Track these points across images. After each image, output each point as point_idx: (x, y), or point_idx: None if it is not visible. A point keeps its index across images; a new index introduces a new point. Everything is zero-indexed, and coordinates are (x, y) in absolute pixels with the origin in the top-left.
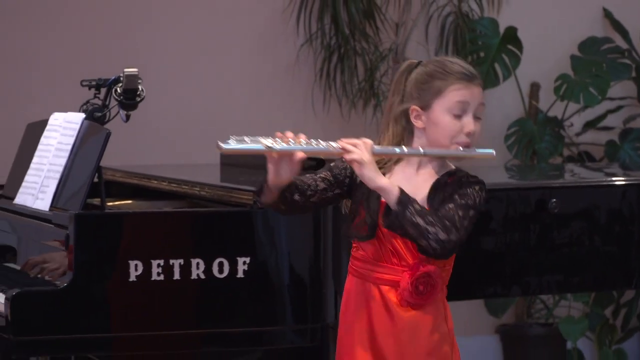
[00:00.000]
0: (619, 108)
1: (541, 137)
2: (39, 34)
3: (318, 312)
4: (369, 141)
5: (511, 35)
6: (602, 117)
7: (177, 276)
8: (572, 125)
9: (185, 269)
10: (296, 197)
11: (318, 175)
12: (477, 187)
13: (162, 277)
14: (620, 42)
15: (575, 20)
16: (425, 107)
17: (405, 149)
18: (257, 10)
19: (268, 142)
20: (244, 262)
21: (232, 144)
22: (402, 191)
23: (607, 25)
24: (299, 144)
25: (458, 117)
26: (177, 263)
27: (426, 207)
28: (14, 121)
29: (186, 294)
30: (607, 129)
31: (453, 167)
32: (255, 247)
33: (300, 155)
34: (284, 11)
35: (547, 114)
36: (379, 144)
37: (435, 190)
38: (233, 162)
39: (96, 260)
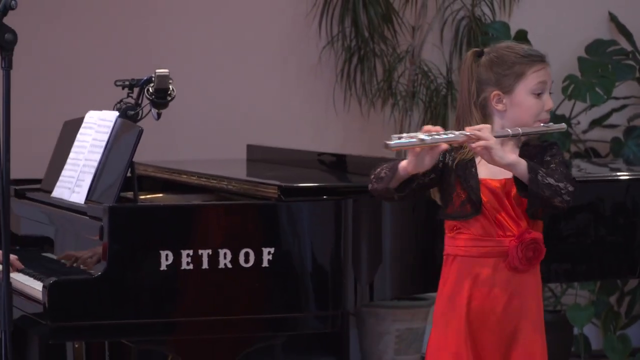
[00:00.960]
0: (623, 107)
1: (550, 135)
2: (76, 38)
3: (338, 300)
4: (488, 126)
5: (521, 37)
6: (607, 115)
7: (205, 265)
8: (579, 123)
9: (213, 259)
10: (412, 185)
11: None
12: (556, 147)
13: (191, 267)
14: (624, 44)
15: (582, 24)
16: (508, 91)
17: (509, 130)
18: (282, 14)
19: (421, 135)
20: (269, 252)
21: (396, 141)
22: (528, 161)
23: (613, 28)
24: (441, 136)
25: (539, 96)
26: (205, 253)
27: None
28: (51, 119)
29: (214, 283)
30: (612, 126)
31: (523, 140)
32: (279, 238)
33: (444, 146)
34: (307, 15)
35: (556, 113)
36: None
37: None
38: (258, 158)
39: (129, 250)
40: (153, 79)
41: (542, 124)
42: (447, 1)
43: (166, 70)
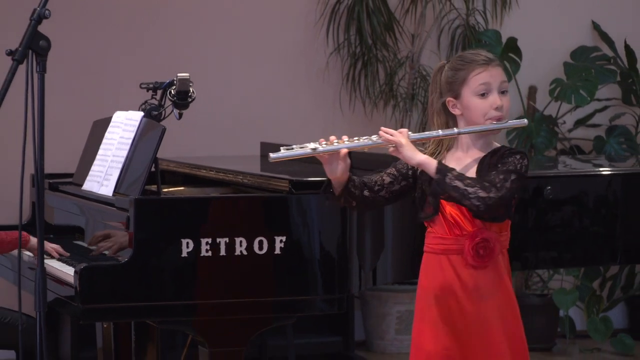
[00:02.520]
0: (605, 108)
1: (538, 133)
2: (104, 44)
3: (344, 284)
4: (404, 130)
5: (512, 44)
6: (590, 115)
7: (222, 252)
8: (564, 122)
9: (230, 246)
10: (366, 193)
11: (384, 172)
12: (517, 156)
13: (209, 254)
14: (607, 50)
15: (568, 32)
16: (457, 96)
17: (440, 131)
18: (292, 23)
19: (312, 145)
20: (281, 241)
21: (282, 152)
22: (439, 162)
23: (596, 36)
24: (343, 143)
25: (484, 96)
26: (223, 241)
27: None
28: (82, 118)
29: (230, 268)
30: (595, 126)
31: (498, 145)
32: (290, 228)
33: (344, 151)
34: (315, 24)
35: (543, 113)
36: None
37: (482, 165)
38: None
39: (153, 238)
40: (175, 82)
41: (494, 122)
42: (444, 11)
43: (187, 74)
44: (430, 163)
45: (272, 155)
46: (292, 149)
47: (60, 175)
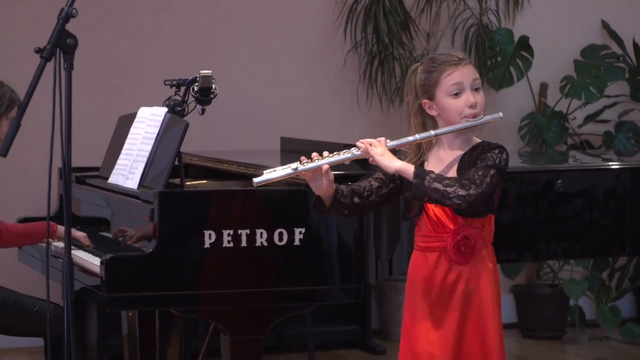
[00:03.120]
0: (614, 104)
1: (549, 128)
2: (129, 42)
3: (361, 274)
4: (382, 138)
5: (524, 43)
6: (600, 111)
7: (244, 244)
8: (574, 118)
9: (251, 238)
10: (356, 200)
11: (372, 177)
12: (496, 150)
13: (231, 245)
14: (615, 48)
15: (578, 30)
16: (432, 97)
17: (417, 135)
18: (312, 23)
19: (294, 165)
20: (300, 232)
21: (265, 176)
22: (417, 167)
23: (605, 34)
24: (323, 159)
25: (457, 95)
26: (244, 233)
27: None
28: (108, 114)
29: (251, 259)
30: (604, 121)
31: (478, 140)
32: (309, 220)
33: (325, 167)
34: (333, 23)
35: (554, 109)
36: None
37: (462, 163)
38: (291, 149)
39: (176, 230)
40: (198, 79)
41: (470, 120)
42: (458, 10)
43: (209, 71)
44: (407, 169)
45: (255, 180)
46: (275, 170)
47: (87, 169)
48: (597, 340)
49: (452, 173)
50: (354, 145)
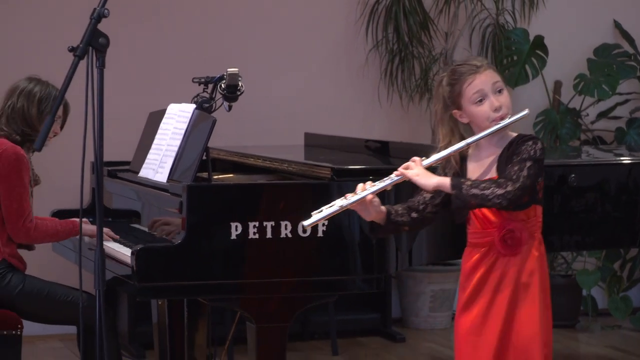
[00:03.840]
0: (626, 101)
1: (562, 125)
2: (159, 42)
3: (382, 265)
4: (417, 158)
5: (539, 42)
6: (612, 108)
7: (269, 235)
8: (587, 115)
9: (276, 230)
10: (413, 215)
11: (424, 190)
12: (529, 142)
13: (257, 236)
14: (627, 47)
15: (591, 30)
16: (459, 107)
17: (450, 149)
18: (335, 22)
19: (339, 202)
20: (323, 224)
21: (314, 217)
22: (452, 178)
23: (617, 34)
24: (365, 191)
25: (481, 102)
26: (269, 225)
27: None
28: (138, 110)
29: (276, 250)
30: (616, 118)
31: (514, 134)
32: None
33: (369, 197)
34: (355, 23)
35: (568, 106)
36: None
37: (500, 161)
38: (314, 144)
39: (204, 222)
40: (225, 76)
41: (499, 122)
42: (475, 11)
43: (236, 69)
44: (444, 183)
45: (304, 223)
46: (321, 211)
47: (118, 163)
48: (609, 328)
49: (493, 173)
50: (393, 171)
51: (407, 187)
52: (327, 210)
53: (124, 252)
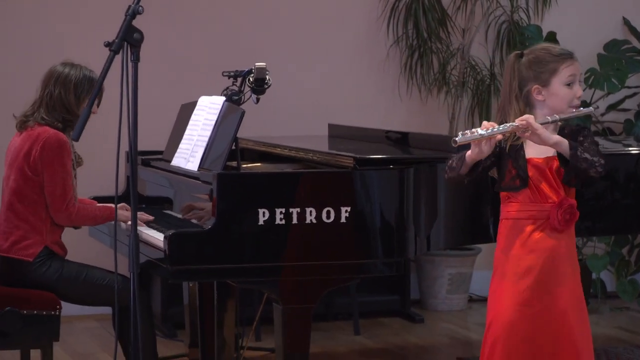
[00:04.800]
0: (634, 94)
1: (581, 119)
2: (191, 37)
3: (402, 249)
4: (531, 116)
5: (551, 38)
6: (621, 101)
7: (295, 221)
8: (598, 107)
9: (301, 216)
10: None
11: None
12: (587, 130)
13: (283, 222)
14: (635, 43)
15: (601, 26)
16: (545, 84)
17: (549, 118)
18: (357, 19)
19: (481, 131)
20: (346, 211)
21: (467, 137)
22: (570, 141)
23: (626, 30)
24: (495, 128)
25: (570, 86)
26: (295, 211)
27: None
28: (171, 102)
29: (301, 235)
30: (625, 110)
31: (560, 124)
32: (354, 199)
33: (499, 136)
34: (377, 20)
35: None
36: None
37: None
38: (337, 134)
39: (233, 208)
40: (253, 70)
41: (574, 109)
42: (491, 8)
43: (264, 64)
44: (564, 141)
45: (456, 139)
46: (474, 133)
47: (152, 152)
48: (617, 310)
49: (551, 151)
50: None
51: None
52: (478, 133)
53: (157, 236)
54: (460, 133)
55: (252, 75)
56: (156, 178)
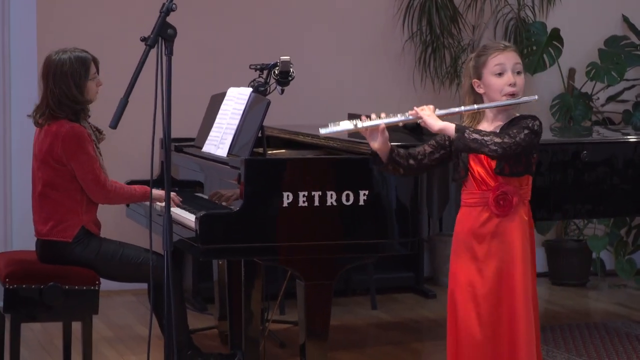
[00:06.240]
0: (632, 86)
1: (576, 107)
2: (221, 32)
3: (416, 229)
4: (431, 106)
5: (555, 34)
6: (620, 93)
7: (316, 203)
8: (598, 98)
9: (323, 198)
10: (411, 162)
11: (426, 144)
12: (529, 119)
13: (306, 204)
14: (634, 39)
15: (602, 23)
16: (479, 76)
17: (462, 107)
18: (375, 16)
19: (354, 122)
20: (364, 194)
21: (330, 128)
22: (457, 124)
23: (625, 27)
24: (380, 119)
25: (500, 75)
26: (316, 194)
27: None
28: (202, 93)
29: (323, 216)
30: (623, 101)
31: (517, 114)
32: (372, 183)
33: (382, 126)
34: (393, 17)
35: (581, 91)
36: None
37: (501, 131)
38: None
39: (259, 192)
40: (278, 64)
41: (509, 97)
42: (499, 6)
43: (288, 57)
44: (449, 126)
45: (321, 131)
46: (339, 125)
47: (184, 140)
48: (616, 287)
49: None
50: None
51: None
52: (343, 125)
53: (189, 217)
54: (330, 124)
55: (277, 68)
56: (188, 163)
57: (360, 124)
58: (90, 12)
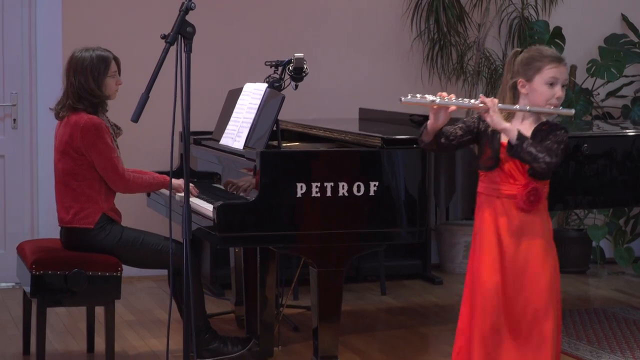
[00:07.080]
0: (631, 82)
1: (577, 102)
2: (238, 31)
3: (423, 219)
4: (495, 99)
5: (557, 32)
6: (619, 88)
7: (329, 194)
8: (598, 94)
9: (335, 189)
10: (443, 140)
11: (457, 126)
12: (562, 131)
13: (318, 195)
14: (633, 37)
15: (602, 22)
16: (529, 79)
17: (518, 106)
18: (384, 15)
19: (432, 97)
20: (374, 185)
21: (410, 98)
22: (519, 131)
23: (624, 25)
24: (452, 101)
25: (551, 86)
26: (329, 185)
27: None
28: (219, 88)
29: (335, 206)
30: (622, 97)
31: (544, 119)
32: (381, 175)
33: (452, 108)
34: (402, 15)
35: (581, 86)
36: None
37: (535, 133)
38: (367, 117)
39: (274, 182)
40: (292, 60)
41: (551, 107)
42: (504, 5)
43: (302, 54)
44: (513, 130)
45: (402, 98)
46: (417, 97)
47: (202, 133)
48: (615, 274)
49: None
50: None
51: None
52: (422, 99)
53: (207, 207)
54: (409, 94)
55: (292, 64)
56: (206, 155)
57: (438, 100)
58: (112, 12)
